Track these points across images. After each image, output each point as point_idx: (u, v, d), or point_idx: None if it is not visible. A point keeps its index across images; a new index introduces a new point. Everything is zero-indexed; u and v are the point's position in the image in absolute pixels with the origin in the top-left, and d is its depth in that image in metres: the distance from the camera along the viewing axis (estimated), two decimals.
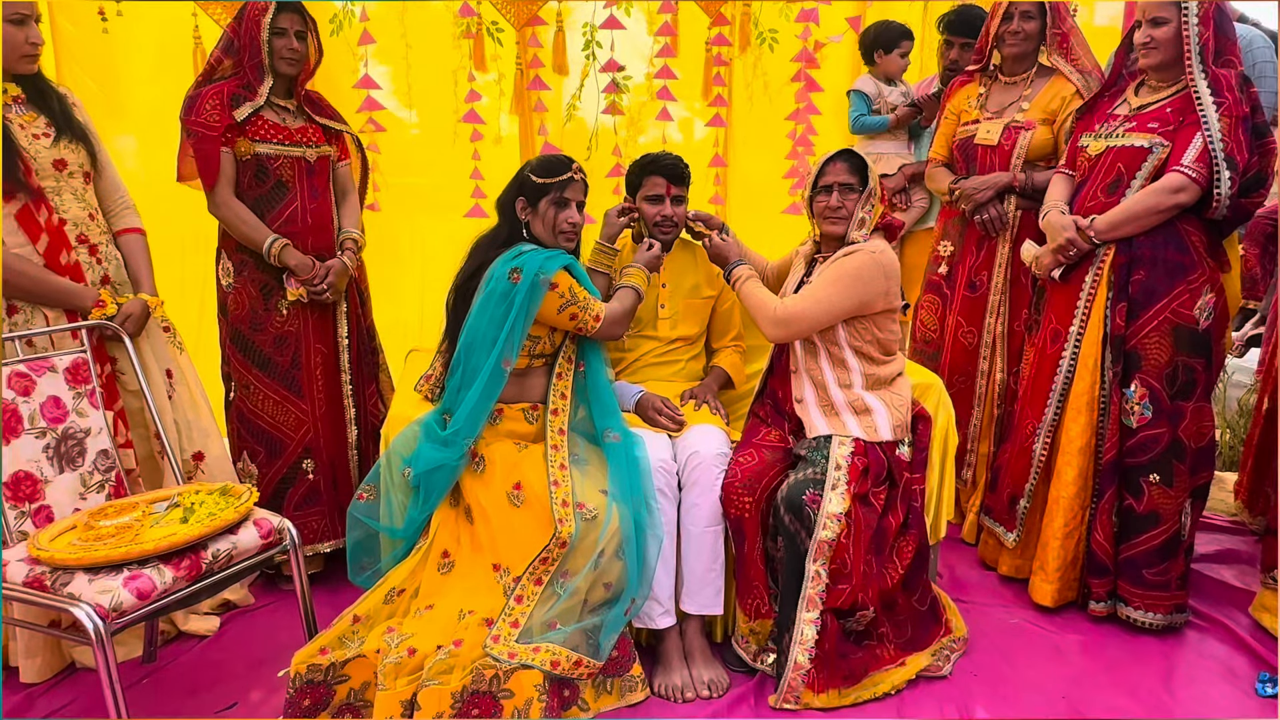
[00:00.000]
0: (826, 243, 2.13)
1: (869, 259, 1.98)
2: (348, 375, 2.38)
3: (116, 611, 1.53)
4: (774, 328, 2.01)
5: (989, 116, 2.57)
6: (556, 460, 1.92)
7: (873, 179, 2.02)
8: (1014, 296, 2.56)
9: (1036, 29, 2.49)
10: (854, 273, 1.97)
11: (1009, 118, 2.52)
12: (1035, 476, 2.32)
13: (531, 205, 1.99)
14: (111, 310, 1.99)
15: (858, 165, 2.04)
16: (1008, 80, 2.57)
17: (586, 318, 1.97)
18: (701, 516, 2.01)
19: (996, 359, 2.59)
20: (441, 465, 1.89)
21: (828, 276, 2.00)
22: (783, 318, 1.99)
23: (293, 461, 2.31)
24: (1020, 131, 2.50)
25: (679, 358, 2.36)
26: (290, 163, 2.24)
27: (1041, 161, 2.51)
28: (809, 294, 1.99)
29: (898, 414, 2.04)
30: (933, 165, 2.77)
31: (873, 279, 1.97)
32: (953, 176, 2.66)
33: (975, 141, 2.57)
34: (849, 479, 1.92)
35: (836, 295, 1.97)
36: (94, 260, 2.01)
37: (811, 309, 1.97)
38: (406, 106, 3.22)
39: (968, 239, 2.64)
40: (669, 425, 2.13)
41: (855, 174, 2.03)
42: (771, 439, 2.10)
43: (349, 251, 2.34)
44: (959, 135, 2.64)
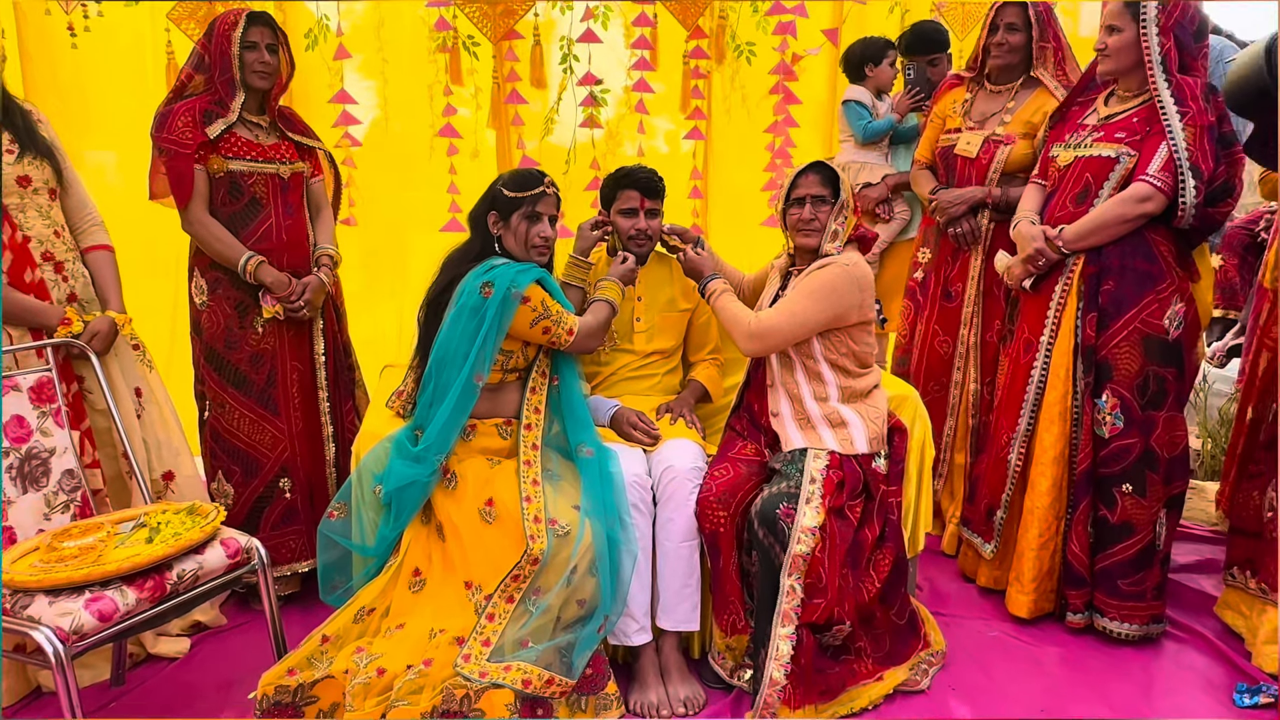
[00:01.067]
0: (800, 255, 2.12)
1: (842, 271, 1.98)
2: (324, 392, 2.37)
3: (77, 634, 1.50)
4: (748, 342, 2.01)
5: (971, 126, 2.58)
6: (529, 476, 1.91)
7: (845, 191, 2.03)
8: (987, 308, 2.57)
9: (1022, 41, 2.49)
10: (827, 285, 1.97)
11: (990, 130, 2.54)
12: (1011, 487, 2.31)
13: (503, 219, 1.99)
14: (78, 328, 1.97)
15: (829, 177, 2.04)
16: (993, 89, 2.58)
17: (560, 331, 1.97)
18: (676, 531, 1.99)
19: (970, 369, 2.60)
20: (413, 482, 1.87)
21: (801, 290, 2.00)
22: (757, 331, 1.99)
23: (269, 480, 2.29)
24: (999, 146, 2.50)
25: (655, 371, 2.36)
26: (264, 179, 2.23)
27: (1021, 174, 2.52)
28: (783, 308, 1.99)
29: (874, 426, 2.04)
30: (917, 168, 2.78)
31: (846, 291, 1.97)
32: (934, 183, 2.67)
33: (955, 152, 2.58)
34: (824, 492, 1.91)
35: (810, 308, 1.97)
36: (59, 278, 1.99)
37: (785, 323, 1.97)
38: (383, 121, 3.23)
39: (944, 248, 2.66)
40: (644, 439, 2.12)
41: (827, 186, 2.04)
42: (748, 453, 2.09)
43: (324, 267, 2.33)
44: (941, 142, 2.65)
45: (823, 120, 3.65)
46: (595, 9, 3.12)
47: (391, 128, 3.27)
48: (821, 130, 3.66)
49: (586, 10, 3.10)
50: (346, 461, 2.39)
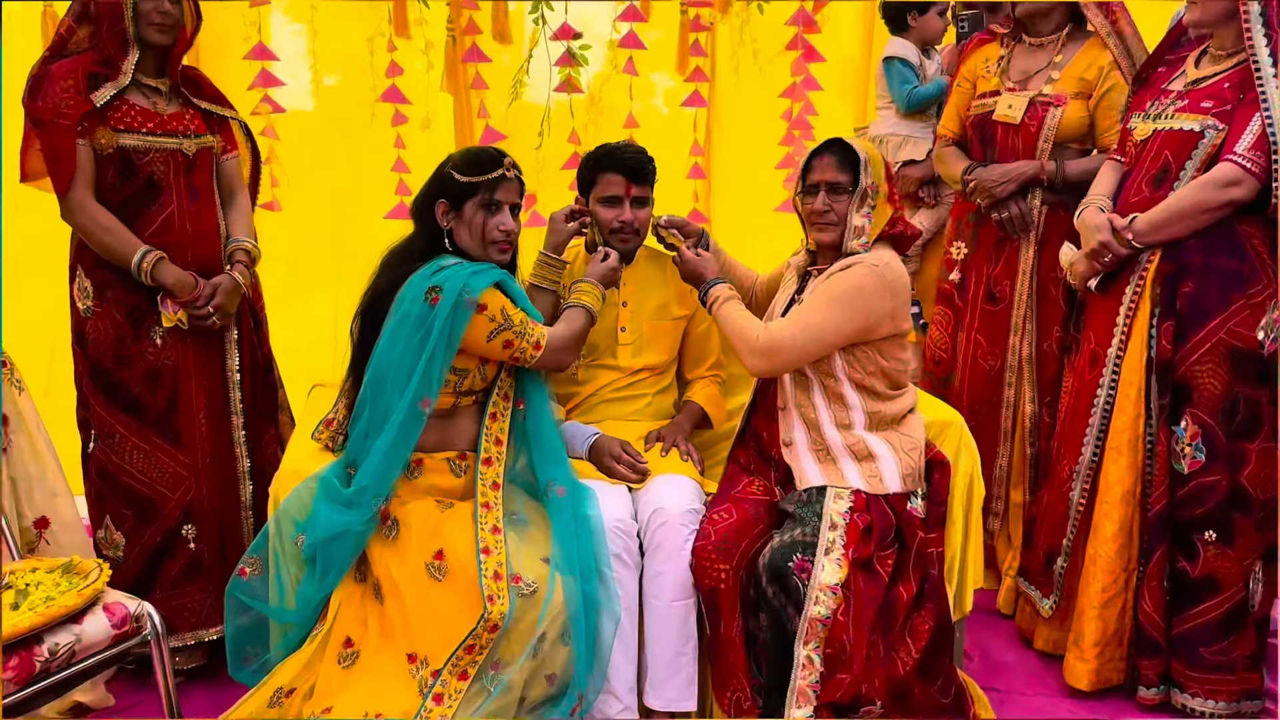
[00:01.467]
0: (822, 253, 2.13)
1: (870, 273, 1.98)
2: (239, 418, 2.35)
3: None
4: (756, 359, 2.00)
5: (1011, 87, 2.58)
6: (488, 522, 1.91)
7: (868, 176, 2.02)
8: (1042, 311, 2.57)
9: None
10: (852, 290, 1.97)
11: (1035, 89, 2.54)
12: (1073, 529, 2.32)
13: (455, 209, 1.98)
14: None
15: (848, 159, 2.03)
16: (1034, 43, 2.59)
17: (524, 345, 1.96)
18: (668, 588, 1.99)
19: (1024, 386, 2.60)
20: (344, 531, 1.86)
21: (820, 297, 1.99)
22: (766, 347, 1.98)
23: (170, 527, 2.27)
24: (1048, 108, 2.50)
25: (644, 392, 2.36)
26: (163, 157, 2.22)
27: (1074, 144, 2.53)
28: (798, 318, 1.99)
29: (908, 459, 2.03)
30: (941, 144, 2.77)
31: (875, 298, 1.97)
32: (966, 161, 2.66)
33: (994, 118, 2.57)
34: (847, 541, 1.90)
35: (831, 319, 1.96)
36: None
37: (800, 336, 1.97)
38: (312, 82, 3.22)
39: (984, 240, 2.66)
40: (629, 475, 2.12)
41: (846, 169, 2.03)
42: (755, 491, 2.09)
43: (239, 264, 2.32)
44: (974, 109, 2.65)
45: (853, 82, 3.66)
46: None
47: (323, 91, 3.27)
48: (852, 94, 3.67)
49: None
50: (265, 504, 2.38)
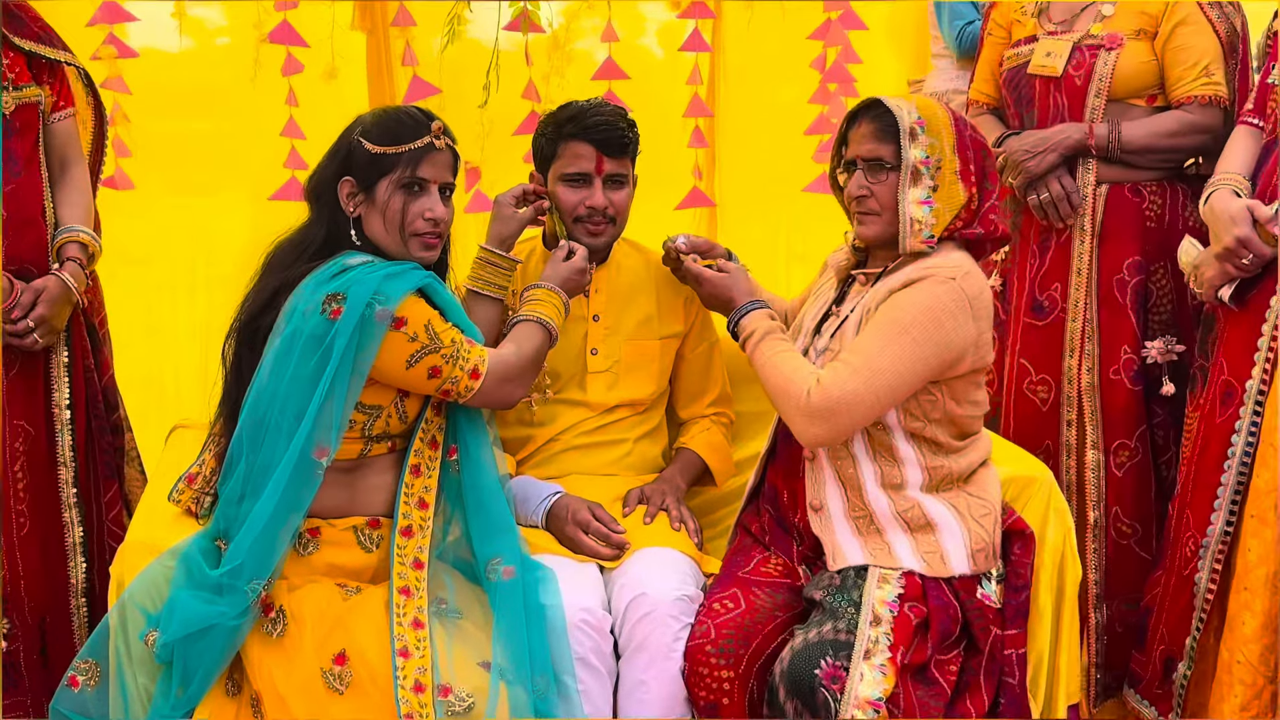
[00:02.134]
0: (873, 252, 2.16)
1: (947, 291, 1.98)
2: (69, 471, 2.37)
3: None
4: (810, 424, 1.97)
5: (1052, 30, 2.65)
6: (408, 613, 1.92)
7: (917, 148, 2.04)
8: (1105, 325, 2.62)
9: None
10: (925, 317, 1.97)
11: (1081, 31, 2.61)
12: (1200, 624, 2.34)
13: (364, 190, 2.01)
14: None
15: (889, 125, 2.06)
16: None
17: (457, 373, 1.97)
18: (653, 702, 2.01)
19: (1087, 428, 2.65)
20: (211, 627, 1.85)
21: (884, 328, 1.98)
22: (821, 407, 1.95)
23: None
24: (1098, 52, 2.58)
25: (621, 436, 2.40)
26: None
27: (1138, 100, 2.60)
28: (860, 361, 1.96)
29: (979, 530, 2.06)
30: (973, 113, 2.84)
31: (956, 322, 1.98)
32: (1002, 128, 2.74)
33: (1029, 72, 2.65)
34: (895, 640, 1.92)
35: (904, 359, 1.96)
36: None
37: (866, 388, 1.94)
38: (176, 15, 3.25)
39: (1025, 234, 2.73)
40: (600, 549, 2.14)
41: (888, 139, 2.06)
42: (771, 571, 2.11)
43: (71, 262, 2.34)
44: (1007, 61, 2.73)
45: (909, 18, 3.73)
46: None
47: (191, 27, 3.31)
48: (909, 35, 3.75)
49: None
50: (104, 587, 2.37)
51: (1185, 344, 2.62)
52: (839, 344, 2.09)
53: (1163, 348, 2.61)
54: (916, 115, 2.06)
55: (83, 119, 2.49)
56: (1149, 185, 2.63)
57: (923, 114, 2.06)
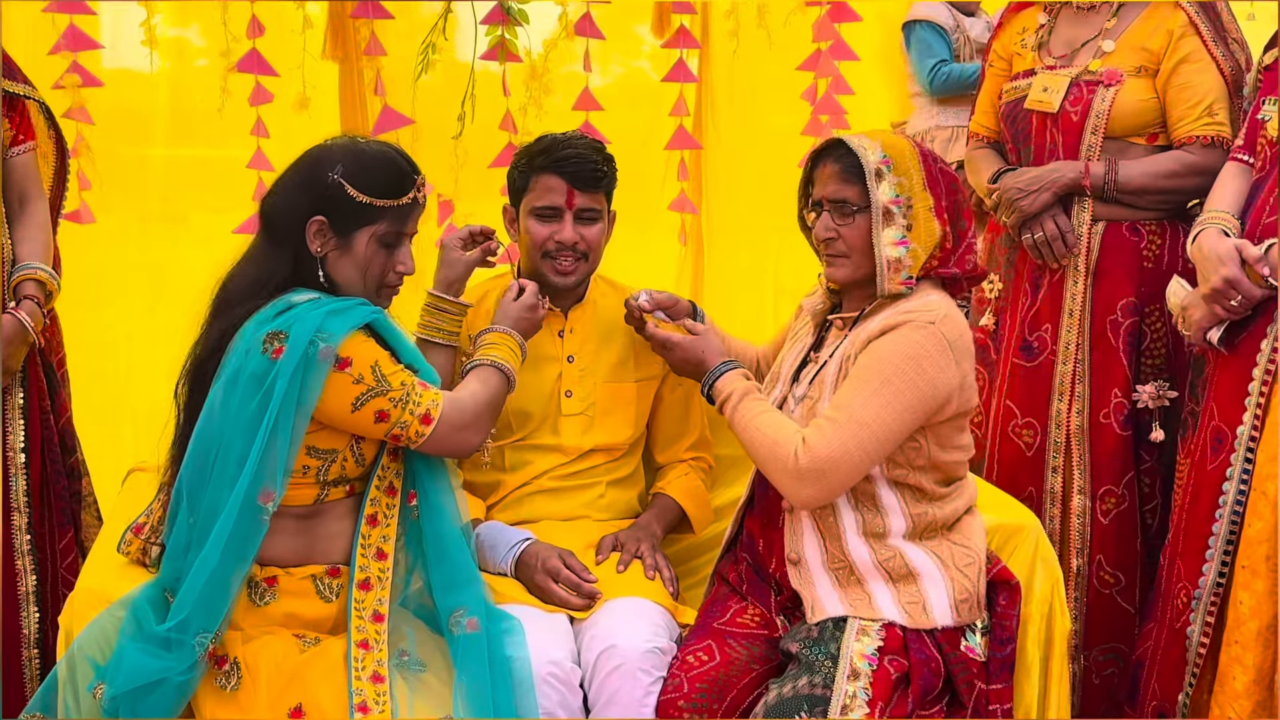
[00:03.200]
0: (847, 293, 2.16)
1: (926, 335, 1.98)
2: (23, 517, 2.37)
3: None
4: (800, 486, 1.97)
5: (1050, 64, 2.68)
6: (367, 667, 1.90)
7: (884, 189, 2.03)
8: (1097, 367, 2.63)
9: None
10: (908, 365, 1.97)
11: (1080, 66, 2.63)
12: (1193, 678, 2.33)
13: (340, 235, 1.98)
14: None
15: (853, 166, 2.04)
16: (1083, 4, 2.69)
17: (407, 418, 1.95)
18: None
19: (1074, 474, 2.65)
20: (159, 680, 1.84)
21: (866, 380, 1.98)
22: (810, 468, 1.94)
23: None
24: (1096, 89, 2.59)
25: (595, 480, 2.40)
26: None
27: (1137, 138, 2.61)
28: (844, 415, 1.96)
29: (963, 580, 2.05)
30: (973, 146, 2.88)
31: (938, 367, 1.98)
32: (999, 165, 2.76)
33: (1025, 107, 2.67)
34: (874, 695, 1.91)
35: (890, 409, 1.95)
36: None
37: (854, 443, 1.94)
38: (144, 45, 3.25)
39: (1020, 272, 2.75)
40: (570, 599, 2.13)
41: (854, 180, 2.05)
42: (748, 622, 2.11)
43: (28, 299, 2.35)
44: (1005, 95, 2.75)
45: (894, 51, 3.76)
46: None
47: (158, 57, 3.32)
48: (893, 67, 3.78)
49: None
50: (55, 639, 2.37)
51: (1178, 389, 2.62)
52: (818, 391, 2.09)
53: (1154, 392, 2.62)
54: (881, 154, 2.05)
55: (43, 152, 2.50)
56: (1148, 224, 2.64)
57: (888, 152, 2.05)
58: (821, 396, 2.07)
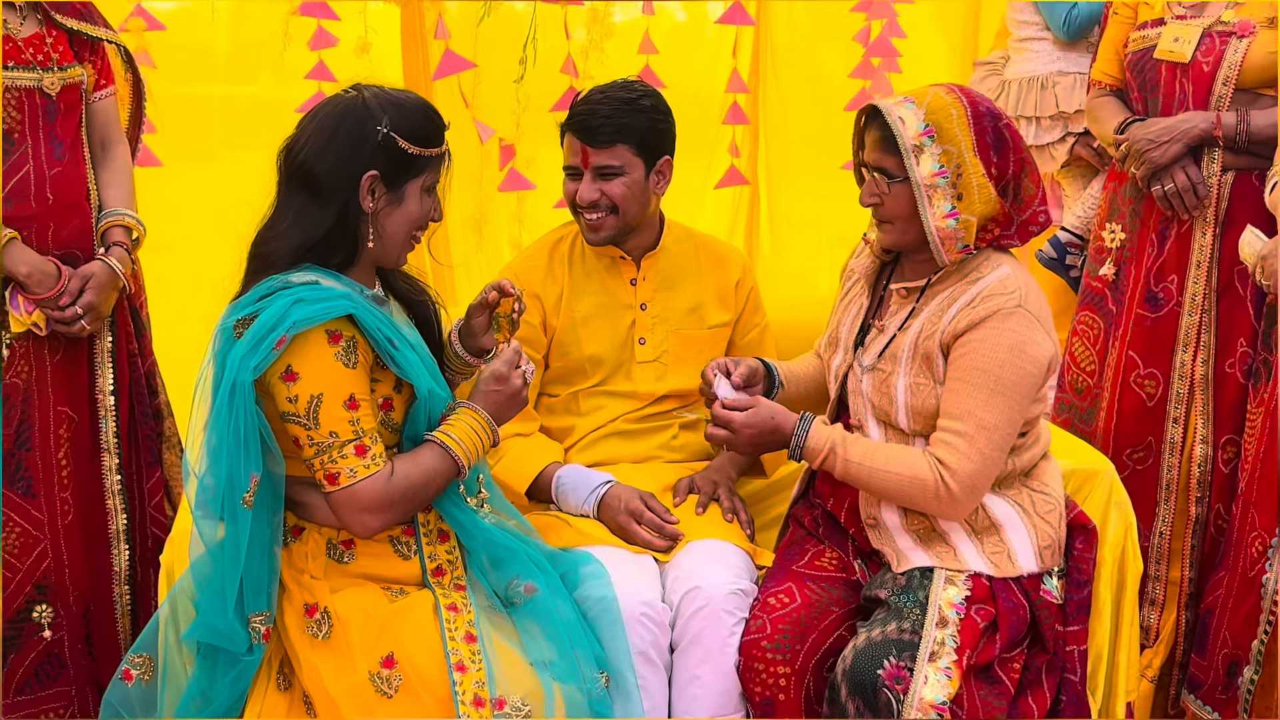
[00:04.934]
0: (908, 259, 2.14)
1: (1019, 321, 1.97)
2: (114, 458, 2.39)
3: None
4: (958, 508, 2.00)
5: (1181, 14, 2.65)
6: (459, 629, 1.91)
7: (923, 165, 1.98)
8: (1225, 318, 2.63)
9: None
10: (1012, 362, 1.96)
11: (1212, 16, 2.60)
12: (1268, 630, 2.35)
13: (392, 189, 1.92)
14: None
15: (893, 138, 1.99)
16: None
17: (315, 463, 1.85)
18: (707, 697, 2.03)
19: (1195, 422, 2.66)
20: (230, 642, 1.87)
21: (976, 384, 1.97)
22: (962, 490, 1.96)
23: (17, 609, 2.31)
24: (1229, 39, 2.57)
25: (668, 423, 2.43)
26: (17, 99, 2.27)
27: (1268, 90, 2.58)
28: (969, 428, 1.96)
29: (1045, 527, 2.07)
30: (1095, 93, 2.85)
31: (1037, 347, 1.98)
32: (1126, 113, 2.73)
33: (1156, 56, 2.65)
34: (961, 643, 1.93)
35: (1010, 408, 1.97)
36: None
37: (990, 450, 1.96)
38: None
39: (1145, 222, 2.73)
40: (654, 541, 2.16)
41: (892, 151, 2.01)
42: (825, 565, 2.13)
43: (117, 247, 2.37)
44: (1131, 44, 2.72)
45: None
46: None
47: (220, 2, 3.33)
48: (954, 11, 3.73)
49: None
50: (149, 575, 2.43)
51: None
52: (890, 365, 2.09)
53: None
54: (923, 124, 1.99)
55: (122, 98, 2.51)
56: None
57: (931, 119, 1.99)
58: (895, 371, 2.08)
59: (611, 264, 2.42)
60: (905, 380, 2.06)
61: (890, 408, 2.08)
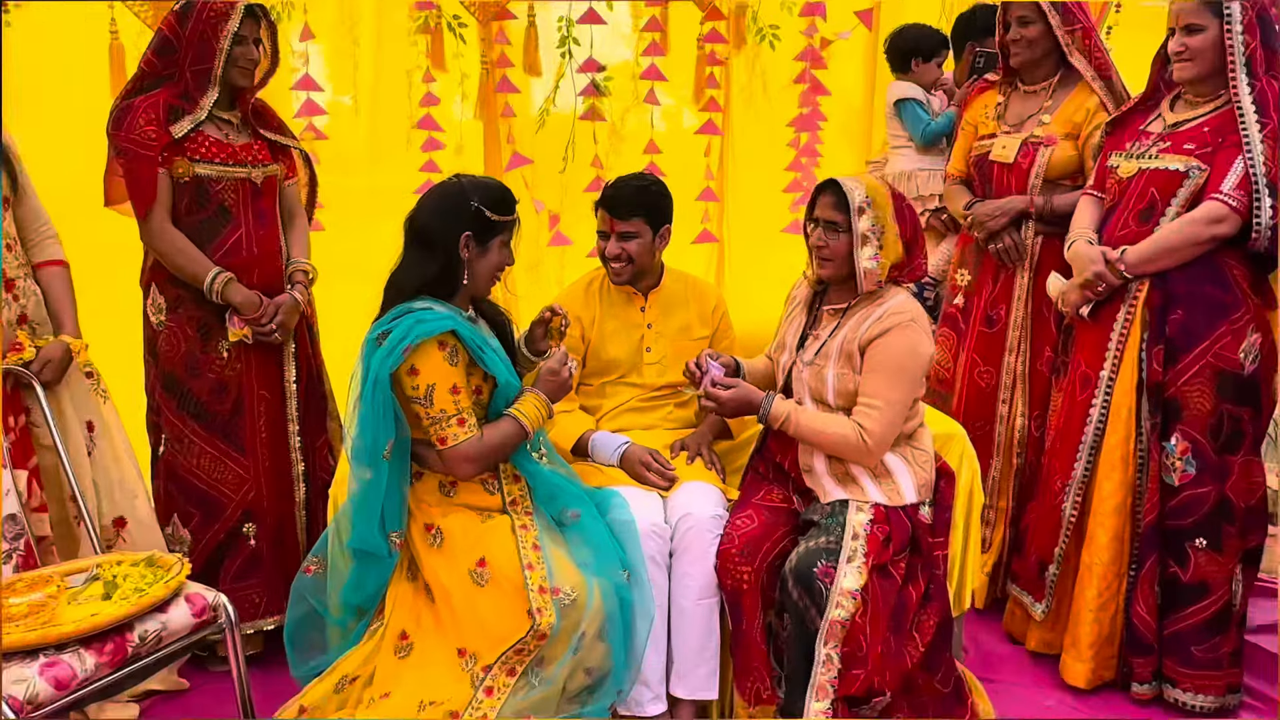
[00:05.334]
0: (835, 288, 2.13)
1: (914, 331, 2.00)
2: (295, 426, 2.40)
3: (32, 704, 1.54)
4: (868, 457, 2.02)
5: (1006, 130, 2.64)
6: (528, 540, 1.92)
7: (863, 220, 2.00)
8: (1035, 332, 2.63)
9: (1039, 33, 2.54)
10: (910, 357, 1.98)
11: (1027, 132, 2.60)
12: (1065, 540, 2.38)
13: (481, 244, 1.94)
14: (29, 354, 2.00)
15: (843, 201, 2.01)
16: (1027, 89, 2.65)
17: (432, 431, 1.88)
18: (694, 588, 2.04)
19: (1017, 402, 2.66)
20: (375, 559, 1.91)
21: (887, 372, 1.99)
22: (875, 446, 1.99)
23: (231, 526, 2.32)
24: (1039, 148, 2.56)
25: (666, 403, 2.42)
26: (234, 185, 2.27)
27: (1065, 180, 2.58)
28: (879, 402, 1.98)
29: (921, 472, 2.08)
30: (950, 183, 2.85)
31: (926, 348, 2.01)
32: (970, 196, 2.74)
33: (990, 158, 2.64)
34: (868, 550, 1.94)
35: (904, 388, 1.99)
36: (9, 297, 2.02)
37: (888, 417, 1.98)
38: (353, 112, 3.31)
39: (984, 268, 2.71)
40: (659, 482, 2.16)
41: (841, 210, 2.01)
42: (774, 498, 2.13)
43: (299, 284, 2.38)
44: (975, 150, 2.72)
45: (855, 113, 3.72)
46: None
47: (363, 118, 3.34)
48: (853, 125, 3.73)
49: None
50: (319, 503, 2.45)
51: None
52: (823, 360, 2.08)
53: None
54: (864, 196, 1.99)
55: (301, 183, 2.52)
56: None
57: (869, 194, 2.00)
58: (826, 365, 2.07)
59: (628, 298, 2.41)
60: (833, 371, 2.06)
61: (823, 390, 2.08)
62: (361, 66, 3.28)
